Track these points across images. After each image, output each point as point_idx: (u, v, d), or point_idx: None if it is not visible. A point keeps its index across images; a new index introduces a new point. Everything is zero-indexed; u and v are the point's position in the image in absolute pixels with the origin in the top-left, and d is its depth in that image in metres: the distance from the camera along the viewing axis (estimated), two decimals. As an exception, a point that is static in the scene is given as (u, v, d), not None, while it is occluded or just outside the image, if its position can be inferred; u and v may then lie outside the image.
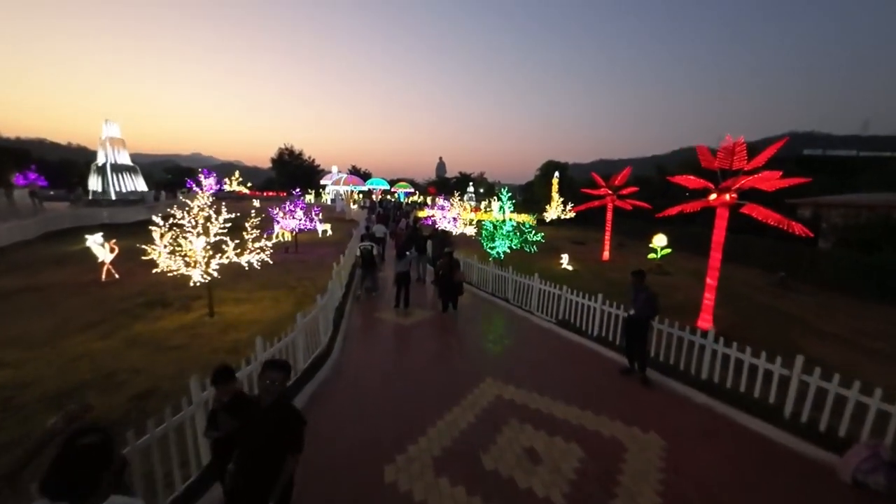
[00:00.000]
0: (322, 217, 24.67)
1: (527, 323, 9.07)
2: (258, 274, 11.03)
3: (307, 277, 12.60)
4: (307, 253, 17.55)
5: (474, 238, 19.03)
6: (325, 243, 20.88)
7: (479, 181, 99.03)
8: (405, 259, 9.69)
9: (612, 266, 16.87)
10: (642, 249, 22.46)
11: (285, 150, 68.69)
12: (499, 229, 13.02)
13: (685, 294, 12.56)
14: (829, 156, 50.37)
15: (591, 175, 18.67)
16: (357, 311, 9.73)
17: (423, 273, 12.85)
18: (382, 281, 12.46)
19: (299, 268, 14.10)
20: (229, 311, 9.23)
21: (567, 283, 12.97)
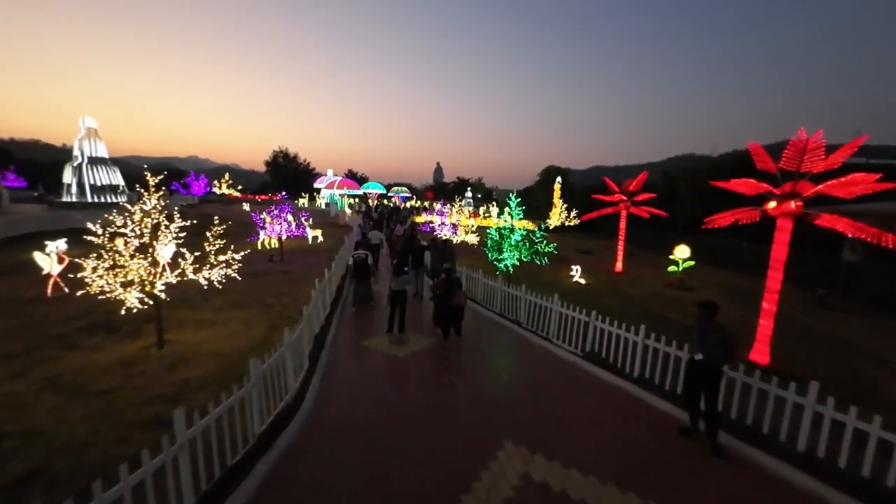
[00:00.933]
0: (312, 222, 23.17)
1: (546, 355, 7.54)
2: (233, 288, 9.53)
3: (288, 293, 11.03)
4: (294, 262, 15.98)
5: (476, 247, 17.55)
6: (315, 251, 19.32)
7: (477, 186, 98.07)
8: (402, 277, 8.15)
9: (626, 279, 15.44)
10: (655, 260, 21.08)
11: (279, 153, 67.19)
12: (506, 239, 11.54)
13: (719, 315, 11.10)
14: (847, 164, 49.41)
15: (604, 180, 17.26)
16: (343, 337, 8.16)
17: (420, 288, 11.33)
18: (377, 294, 10.94)
19: (281, 280, 12.53)
20: (186, 338, 7.65)
21: (580, 299, 11.46)
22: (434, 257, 10.95)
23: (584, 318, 7.32)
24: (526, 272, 12.81)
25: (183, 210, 10.95)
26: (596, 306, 7.82)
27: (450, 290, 7.59)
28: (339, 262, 12.90)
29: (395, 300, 8.04)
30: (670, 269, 14.65)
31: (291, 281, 12.51)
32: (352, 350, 7.43)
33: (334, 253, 16.45)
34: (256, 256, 16.64)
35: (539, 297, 8.41)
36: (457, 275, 8.03)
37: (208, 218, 15.43)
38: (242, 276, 13.06)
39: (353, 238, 18.99)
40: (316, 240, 22.12)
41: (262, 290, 11.22)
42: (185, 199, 32.41)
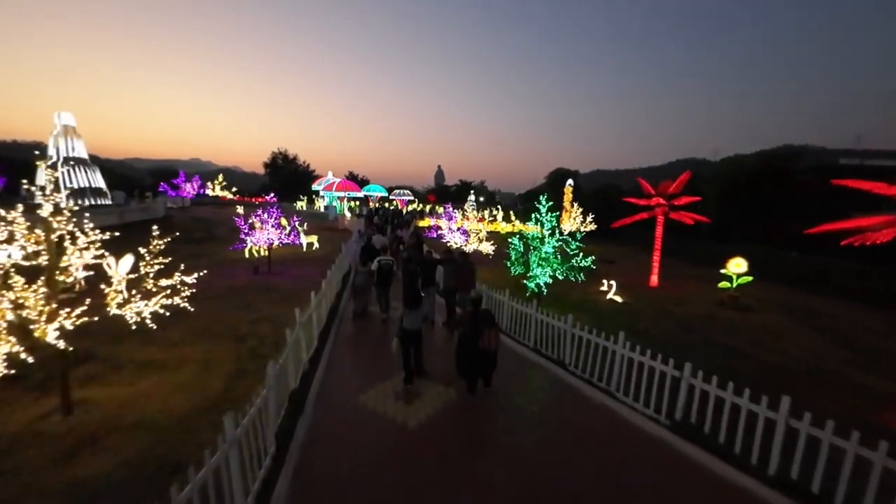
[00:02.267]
0: (308, 227, 21.14)
1: (613, 421, 5.40)
2: (202, 311, 7.56)
3: (268, 317, 8.98)
4: (283, 273, 13.95)
5: (491, 257, 15.48)
6: (308, 259, 17.28)
7: (480, 189, 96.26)
8: (418, 311, 6.05)
9: (667, 296, 13.36)
10: (683, 270, 18.98)
11: (278, 155, 65.41)
12: (537, 250, 9.49)
13: (797, 344, 9.03)
14: (868, 165, 47.43)
15: (638, 181, 15.20)
16: (332, 389, 6.04)
17: (430, 311, 9.24)
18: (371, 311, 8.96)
19: (264, 299, 10.48)
20: (113, 394, 5.59)
21: (623, 322, 9.34)
22: (448, 274, 8.89)
23: (669, 370, 5.21)
24: (551, 286, 10.72)
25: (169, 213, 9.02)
26: (645, 334, 5.80)
27: (478, 327, 5.50)
28: (336, 273, 10.86)
29: (409, 340, 5.96)
30: (722, 285, 12.56)
31: (276, 299, 10.45)
32: (342, 415, 5.29)
33: (330, 262, 14.45)
34: (240, 267, 14.62)
35: (596, 335, 6.31)
36: (487, 307, 5.93)
37: (197, 222, 13.42)
38: (219, 293, 11.10)
39: (351, 245, 16.98)
40: (311, 247, 20.09)
41: (237, 313, 9.17)
42: (173, 201, 30.51)
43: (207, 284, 11.79)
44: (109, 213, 20.82)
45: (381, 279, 8.90)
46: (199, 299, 10.20)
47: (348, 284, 11.92)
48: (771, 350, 8.50)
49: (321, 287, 8.18)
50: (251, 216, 14.11)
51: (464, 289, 8.60)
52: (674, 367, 5.15)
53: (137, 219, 21.27)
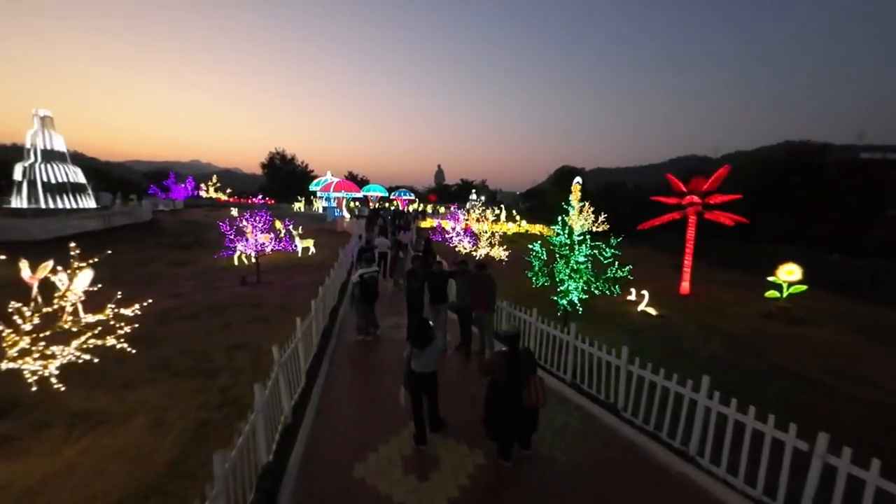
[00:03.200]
0: (303, 231, 19.73)
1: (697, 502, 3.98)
2: (172, 334, 6.28)
3: (249, 343, 7.53)
4: (273, 284, 12.52)
5: (503, 262, 14.00)
6: (303, 266, 15.86)
7: (480, 189, 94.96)
8: (431, 347, 4.49)
9: (703, 306, 11.91)
10: (710, 275, 17.50)
11: (276, 155, 64.01)
12: (570, 258, 8.06)
13: (882, 369, 7.56)
14: (890, 159, 45.78)
15: (668, 177, 13.73)
16: (319, 459, 4.60)
17: (443, 340, 7.76)
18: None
19: (247, 317, 9.04)
20: (22, 469, 4.14)
21: (662, 341, 7.90)
22: (463, 288, 7.45)
23: (774, 432, 3.76)
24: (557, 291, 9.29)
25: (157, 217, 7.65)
26: (694, 357, 4.46)
27: (518, 375, 4.05)
28: (331, 286, 9.45)
29: (421, 387, 4.52)
30: (770, 294, 11.10)
31: (261, 318, 9.01)
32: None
33: (327, 269, 13.02)
34: (226, 277, 13.20)
35: (658, 375, 4.86)
36: (527, 349, 4.43)
37: (186, 226, 12.01)
38: (195, 310, 9.65)
39: (350, 250, 15.56)
40: (307, 251, 18.67)
41: (212, 338, 7.73)
42: (164, 203, 29.12)
43: (185, 298, 10.38)
44: (92, 217, 19.43)
45: (365, 294, 7.63)
46: (170, 319, 8.84)
47: (346, 296, 10.56)
48: (853, 379, 7.08)
49: (311, 307, 6.74)
50: (238, 220, 12.69)
51: (481, 307, 7.18)
52: (782, 432, 3.69)
53: (120, 223, 19.86)
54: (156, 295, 10.75)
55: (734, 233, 22.58)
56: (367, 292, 7.70)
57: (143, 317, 8.83)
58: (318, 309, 7.27)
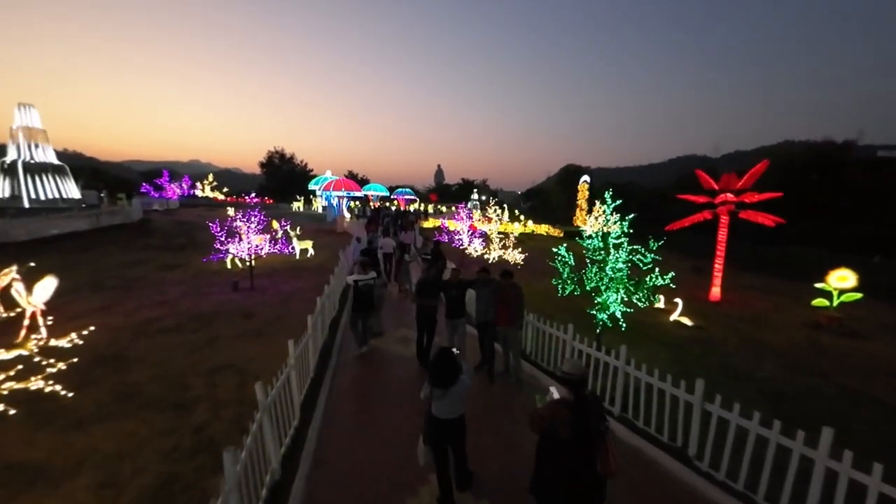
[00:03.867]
0: (302, 232, 18.68)
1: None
2: (148, 351, 5.30)
3: (236, 363, 6.45)
4: (267, 290, 11.45)
5: (519, 266, 12.93)
6: (301, 269, 14.81)
7: (482, 188, 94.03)
8: (458, 387, 3.41)
9: (739, 315, 10.85)
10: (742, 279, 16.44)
11: (275, 154, 62.94)
12: (607, 264, 7.00)
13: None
14: (881, 158, 44.89)
15: (697, 174, 12.65)
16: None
17: (459, 349, 6.71)
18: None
19: (235, 330, 7.95)
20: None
21: (707, 357, 6.93)
22: (484, 301, 6.39)
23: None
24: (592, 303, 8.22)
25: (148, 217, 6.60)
26: (748, 378, 4.09)
27: (584, 429, 2.98)
28: (332, 293, 8.39)
29: (446, 439, 3.47)
30: (817, 302, 10.04)
31: (251, 332, 7.93)
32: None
33: (326, 272, 11.93)
34: (217, 282, 12.14)
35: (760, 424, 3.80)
36: (595, 397, 3.33)
37: (179, 226, 10.97)
38: (179, 321, 8.53)
39: (351, 253, 14.49)
40: (305, 254, 17.62)
41: (194, 356, 6.66)
42: (159, 202, 28.03)
43: (170, 307, 9.32)
44: (77, 217, 18.34)
45: (359, 303, 6.73)
46: (149, 332, 7.74)
47: (347, 305, 9.52)
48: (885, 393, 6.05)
49: (308, 324, 5.68)
50: (229, 220, 11.60)
51: (507, 322, 6.13)
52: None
53: (108, 223, 18.78)
54: (137, 302, 9.72)
55: (751, 234, 21.52)
56: (360, 301, 6.71)
57: (118, 329, 7.83)
58: (316, 326, 6.20)
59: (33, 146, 19.57)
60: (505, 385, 6.06)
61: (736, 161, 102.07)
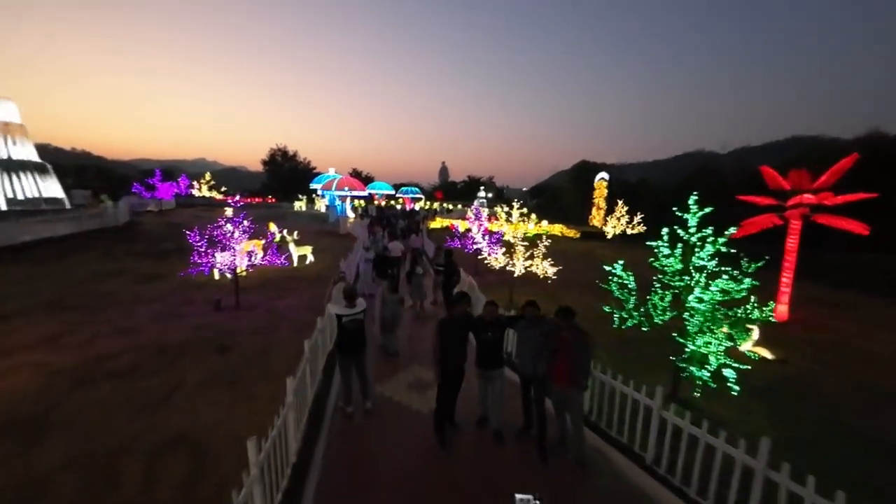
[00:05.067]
0: (297, 236, 17.00)
1: None
2: (85, 411, 3.58)
3: (192, 434, 4.69)
4: (256, 308, 9.76)
5: (549, 280, 11.06)
6: (297, 280, 13.12)
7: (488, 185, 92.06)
8: None
9: (823, 340, 8.96)
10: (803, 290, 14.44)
11: (277, 152, 61.44)
12: (695, 291, 5.20)
13: None
14: None
15: (762, 171, 10.68)
16: None
17: (495, 411, 4.94)
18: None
19: (206, 373, 6.20)
20: None
21: (807, 404, 5.25)
22: (531, 345, 4.62)
23: None
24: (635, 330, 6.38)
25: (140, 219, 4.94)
26: (873, 439, 2.89)
27: None
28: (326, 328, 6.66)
29: None
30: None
31: (223, 377, 6.17)
32: None
33: (326, 283, 10.24)
34: (198, 299, 10.48)
35: None
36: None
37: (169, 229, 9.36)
38: (134, 359, 6.36)
39: (355, 263, 12.75)
40: (304, 260, 15.95)
41: (138, 421, 4.93)
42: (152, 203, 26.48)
43: (132, 337, 7.63)
44: (58, 221, 16.78)
45: (348, 345, 5.05)
46: (93, 378, 5.95)
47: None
48: None
49: (287, 390, 3.95)
50: (209, 228, 9.83)
51: (567, 380, 4.38)
52: None
53: (88, 227, 17.21)
54: (96, 329, 8.06)
55: (812, 237, 19.42)
56: (349, 343, 5.03)
57: (57, 373, 6.15)
58: (300, 390, 4.46)
59: (10, 142, 17.99)
60: (562, 465, 4.32)
61: (743, 157, 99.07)
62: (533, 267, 10.28)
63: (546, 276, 10.02)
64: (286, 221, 28.78)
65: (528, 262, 10.57)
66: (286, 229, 17.43)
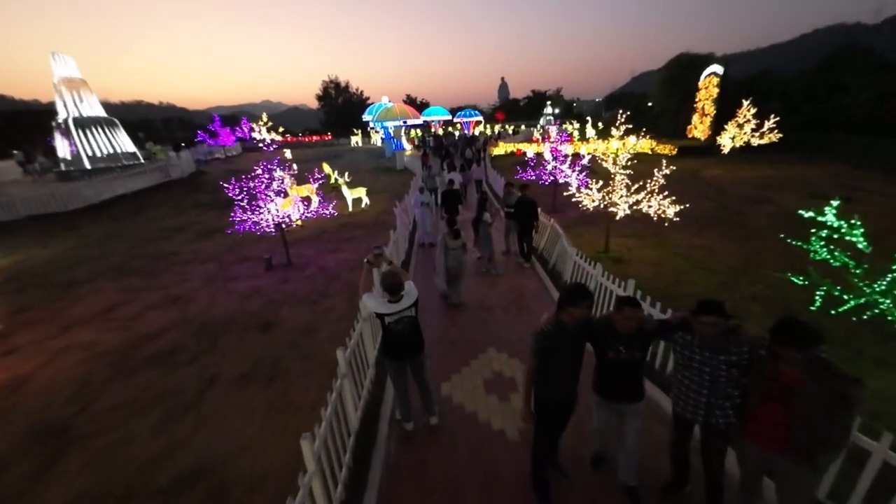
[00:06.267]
0: (348, 177, 15.57)
1: None
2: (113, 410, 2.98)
3: (215, 464, 3.66)
4: (306, 267, 8.76)
5: (667, 221, 8.21)
6: (354, 228, 11.97)
7: (556, 99, 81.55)
8: None
9: None
10: None
11: (330, 84, 59.18)
12: None
13: None
14: None
15: None
16: None
17: (628, 460, 3.15)
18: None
19: (243, 365, 5.19)
20: None
21: None
22: (700, 373, 2.62)
23: None
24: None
25: (205, 168, 4.03)
26: None
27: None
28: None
29: None
30: None
31: (262, 369, 5.16)
32: None
33: (385, 230, 8.85)
34: (254, 253, 9.81)
35: None
36: None
37: (235, 177, 8.63)
38: (184, 334, 5.14)
39: (411, 206, 11.07)
40: (359, 204, 14.70)
41: (159, 439, 4.06)
42: (218, 151, 26.94)
43: (180, 308, 7.01)
44: (135, 176, 17.31)
45: (397, 349, 3.57)
46: (130, 366, 5.26)
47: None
48: None
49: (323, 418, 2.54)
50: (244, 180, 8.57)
51: (780, 447, 2.28)
52: None
53: (157, 181, 17.57)
54: (149, 299, 7.63)
55: None
56: (398, 347, 3.52)
57: (98, 356, 5.63)
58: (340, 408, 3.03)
59: (77, 98, 18.31)
60: None
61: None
62: (644, 207, 7.60)
63: (663, 216, 7.35)
64: (342, 160, 27.80)
65: (629, 196, 7.87)
66: (337, 171, 16.11)
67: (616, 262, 8.07)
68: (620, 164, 8.21)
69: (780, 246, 6.03)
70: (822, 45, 41.82)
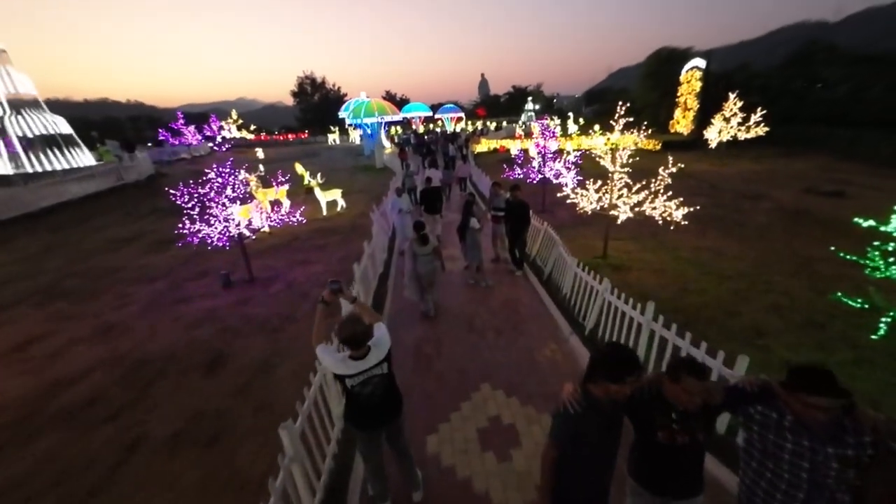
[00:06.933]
0: (321, 178, 14.39)
1: None
2: None
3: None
4: (271, 283, 7.66)
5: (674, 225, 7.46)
6: (328, 234, 10.87)
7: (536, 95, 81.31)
8: None
9: None
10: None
11: (305, 80, 57.08)
12: None
13: None
14: None
15: None
16: None
17: None
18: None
19: (177, 423, 4.11)
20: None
21: None
22: (758, 460, 1.84)
23: None
24: None
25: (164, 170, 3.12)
26: None
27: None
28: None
29: None
30: None
31: (202, 432, 4.12)
32: None
33: (360, 238, 7.85)
34: (211, 268, 8.63)
35: None
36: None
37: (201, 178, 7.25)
38: (108, 378, 4.12)
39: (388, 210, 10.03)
40: (334, 207, 13.57)
41: None
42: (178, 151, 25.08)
43: (114, 340, 5.84)
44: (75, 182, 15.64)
45: (369, 420, 2.64)
46: (28, 430, 3.91)
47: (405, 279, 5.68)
48: None
49: None
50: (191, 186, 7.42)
51: None
52: None
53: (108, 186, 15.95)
54: (77, 329, 6.42)
55: None
56: (366, 418, 2.65)
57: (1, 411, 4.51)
58: None
59: (8, 85, 16.41)
60: None
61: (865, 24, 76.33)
62: (649, 210, 6.84)
63: (670, 218, 6.61)
64: (318, 159, 26.39)
65: (629, 197, 7.11)
66: (309, 172, 14.92)
67: (616, 270, 7.32)
68: (620, 161, 7.45)
69: (786, 247, 5.39)
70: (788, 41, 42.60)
